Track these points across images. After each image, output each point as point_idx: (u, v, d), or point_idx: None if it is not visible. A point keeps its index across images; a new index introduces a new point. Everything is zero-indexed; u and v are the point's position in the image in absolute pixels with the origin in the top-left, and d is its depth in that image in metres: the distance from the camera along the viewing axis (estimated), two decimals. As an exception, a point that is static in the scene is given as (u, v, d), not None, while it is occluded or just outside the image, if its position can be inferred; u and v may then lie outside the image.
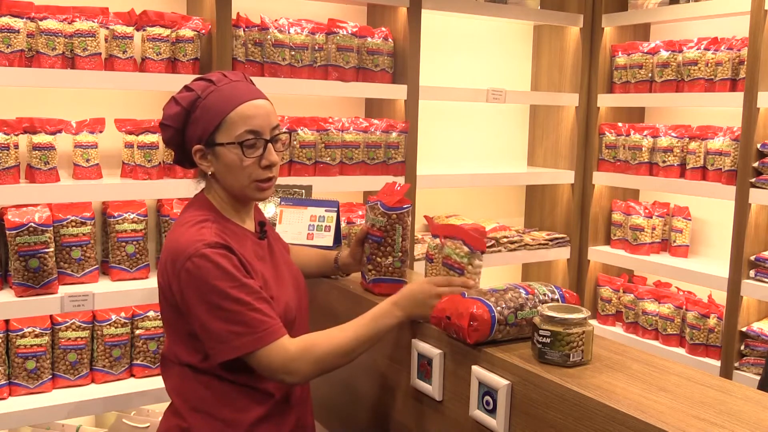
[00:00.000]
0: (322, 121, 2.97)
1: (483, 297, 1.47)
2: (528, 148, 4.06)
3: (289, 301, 1.65)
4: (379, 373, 1.83)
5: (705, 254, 3.58)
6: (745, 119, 2.99)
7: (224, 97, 1.59)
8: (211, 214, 1.62)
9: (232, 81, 1.63)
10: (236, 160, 1.58)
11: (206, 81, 1.63)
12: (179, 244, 1.53)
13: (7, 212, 2.45)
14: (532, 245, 3.63)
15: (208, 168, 1.62)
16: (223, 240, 1.53)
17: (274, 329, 1.51)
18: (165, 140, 1.68)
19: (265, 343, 1.49)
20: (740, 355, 3.09)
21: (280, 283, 1.66)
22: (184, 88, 1.64)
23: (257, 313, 1.50)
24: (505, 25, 3.84)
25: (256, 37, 2.83)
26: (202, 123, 1.59)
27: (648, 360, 1.43)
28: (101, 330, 2.63)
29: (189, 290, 1.50)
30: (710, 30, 3.41)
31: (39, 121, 2.51)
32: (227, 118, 1.58)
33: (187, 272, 1.50)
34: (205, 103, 1.59)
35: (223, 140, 1.58)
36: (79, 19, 2.51)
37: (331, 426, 2.09)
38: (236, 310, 1.48)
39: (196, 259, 1.49)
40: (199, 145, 1.61)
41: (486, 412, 1.45)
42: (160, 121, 1.67)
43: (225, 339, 1.49)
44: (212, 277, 1.48)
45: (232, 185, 1.62)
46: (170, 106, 1.64)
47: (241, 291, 1.49)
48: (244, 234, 1.65)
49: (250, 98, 1.60)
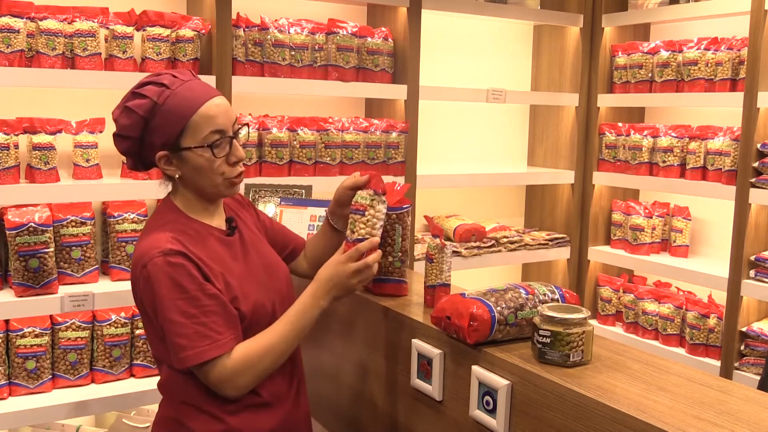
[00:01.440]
0: (322, 121, 2.97)
1: (483, 297, 1.47)
2: (528, 148, 4.06)
3: (259, 298, 1.63)
4: (379, 373, 1.83)
5: (705, 254, 3.58)
6: (745, 119, 2.99)
7: (183, 100, 1.54)
8: (174, 215, 1.61)
9: (185, 81, 1.58)
10: (205, 162, 1.57)
11: (158, 85, 1.56)
12: (138, 250, 1.55)
13: (7, 212, 2.46)
14: (532, 245, 3.63)
15: (175, 172, 1.60)
16: (179, 245, 1.52)
17: (219, 344, 1.51)
18: (122, 151, 1.61)
19: (204, 358, 1.50)
20: (740, 355, 3.09)
21: (250, 280, 1.64)
22: (134, 95, 1.57)
23: (202, 327, 1.50)
24: (505, 25, 3.84)
25: (256, 37, 2.83)
26: (164, 129, 1.55)
27: (648, 360, 1.43)
28: (101, 330, 2.63)
29: (145, 297, 1.54)
30: (710, 30, 3.41)
31: (39, 121, 2.51)
32: (191, 121, 1.54)
33: (144, 279, 1.52)
34: (164, 109, 1.54)
35: (190, 144, 1.55)
36: (79, 19, 2.51)
37: (331, 426, 2.09)
38: (180, 322, 1.49)
39: (150, 267, 1.50)
40: (163, 152, 1.57)
41: (486, 412, 1.45)
42: (114, 133, 1.59)
43: (173, 349, 1.52)
44: (161, 286, 1.49)
45: (202, 186, 1.61)
46: (123, 116, 1.57)
47: (188, 303, 1.49)
48: (208, 233, 1.63)
49: (208, 97, 1.57)
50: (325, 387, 2.09)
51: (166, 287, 1.49)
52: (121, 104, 1.59)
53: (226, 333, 1.53)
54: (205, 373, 1.52)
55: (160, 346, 1.60)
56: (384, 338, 1.79)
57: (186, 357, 1.50)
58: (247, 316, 1.59)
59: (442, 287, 1.74)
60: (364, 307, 1.86)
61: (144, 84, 1.58)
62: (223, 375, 1.52)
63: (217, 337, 1.51)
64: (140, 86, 1.58)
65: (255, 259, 1.70)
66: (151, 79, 1.59)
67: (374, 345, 1.84)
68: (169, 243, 1.51)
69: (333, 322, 2.01)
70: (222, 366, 1.52)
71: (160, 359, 1.63)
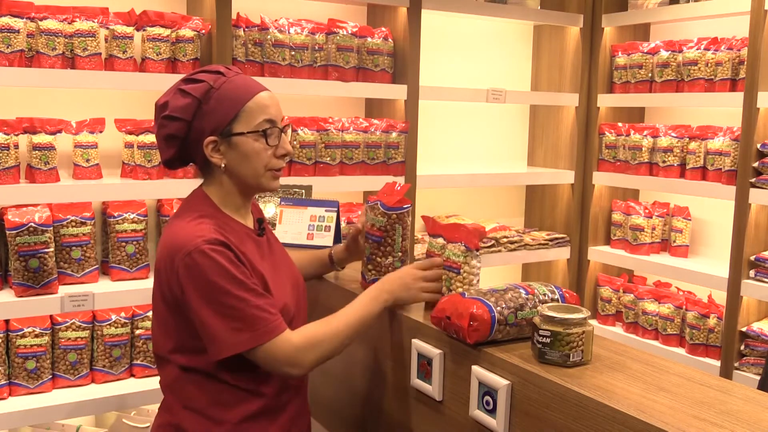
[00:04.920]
0: (322, 121, 2.97)
1: (483, 297, 1.47)
2: (528, 148, 4.06)
3: (287, 300, 1.64)
4: (379, 373, 1.83)
5: (705, 254, 3.58)
6: (745, 119, 2.99)
7: (239, 86, 1.58)
8: (210, 209, 1.61)
9: (239, 73, 1.62)
10: (255, 149, 1.57)
11: (213, 73, 1.59)
12: (177, 239, 1.52)
13: (7, 212, 2.46)
14: (532, 245, 3.63)
15: (221, 160, 1.59)
16: (221, 236, 1.52)
17: (275, 324, 1.51)
18: (166, 135, 1.59)
19: (266, 339, 1.49)
20: (740, 355, 3.09)
21: (278, 282, 1.65)
22: (189, 80, 1.58)
23: (257, 310, 1.49)
24: (505, 25, 3.84)
25: (256, 37, 2.83)
26: (217, 114, 1.56)
27: (648, 360, 1.43)
28: (101, 330, 2.63)
29: (188, 287, 1.49)
30: (710, 30, 3.41)
31: (39, 121, 2.51)
32: (245, 107, 1.56)
33: (186, 268, 1.49)
34: (219, 94, 1.56)
35: (242, 129, 1.56)
36: (79, 19, 2.51)
37: (331, 426, 2.09)
38: (236, 306, 1.48)
39: (195, 255, 1.48)
40: (213, 137, 1.57)
41: (486, 412, 1.45)
42: (165, 114, 1.57)
43: (225, 336, 1.49)
44: (211, 273, 1.47)
45: (246, 175, 1.60)
46: (177, 97, 1.57)
47: (239, 288, 1.49)
48: (243, 231, 1.63)
49: (261, 88, 1.60)
50: (326, 387, 2.09)
51: (215, 274, 1.47)
52: (171, 89, 1.60)
53: (278, 314, 1.54)
54: (269, 351, 1.50)
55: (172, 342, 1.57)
56: (384, 338, 1.79)
57: (245, 340, 1.48)
58: None
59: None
60: (364, 307, 1.86)
61: (197, 72, 1.61)
62: (290, 352, 1.51)
63: (273, 319, 1.51)
64: (194, 74, 1.60)
65: (281, 262, 1.72)
66: (204, 69, 1.62)
67: (374, 345, 1.84)
68: (213, 233, 1.51)
69: (333, 322, 2.01)
70: (288, 342, 1.51)
71: (167, 358, 1.60)
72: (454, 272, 1.68)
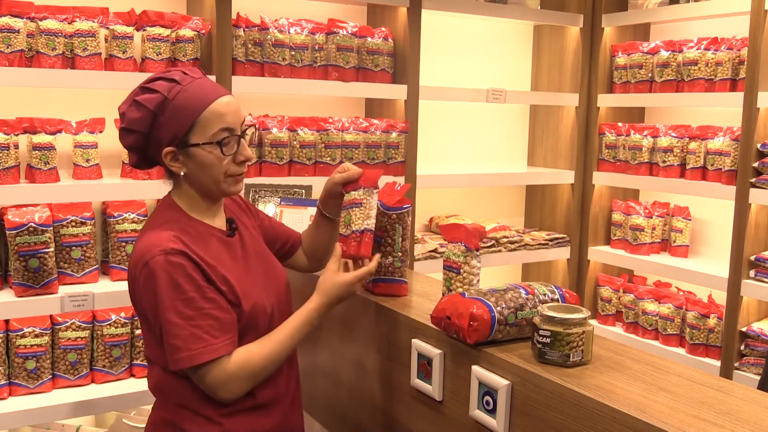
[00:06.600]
0: (322, 121, 2.97)
1: (483, 297, 1.47)
2: (528, 148, 4.06)
3: (260, 299, 1.63)
4: (379, 373, 1.83)
5: (705, 254, 3.58)
6: (745, 119, 2.99)
7: (194, 96, 1.54)
8: (175, 214, 1.61)
9: (196, 78, 1.57)
10: (213, 159, 1.56)
11: (169, 81, 1.55)
12: (138, 249, 1.54)
13: (7, 212, 2.46)
14: (532, 245, 3.63)
15: (180, 169, 1.58)
16: (181, 245, 1.51)
17: (213, 348, 1.49)
18: (126, 146, 1.60)
19: (200, 361, 1.49)
20: (740, 355, 3.09)
21: (249, 282, 1.63)
22: (144, 89, 1.56)
23: (198, 329, 1.48)
24: (505, 25, 3.84)
25: (256, 37, 2.83)
26: (172, 125, 1.54)
27: (648, 360, 1.43)
28: (101, 330, 2.63)
29: (144, 296, 1.52)
30: (710, 30, 3.41)
31: (39, 121, 2.51)
32: (200, 117, 1.53)
33: (144, 278, 1.50)
34: (174, 104, 1.53)
35: (198, 140, 1.54)
36: (79, 19, 2.51)
37: (331, 426, 2.09)
38: (177, 323, 1.48)
39: (151, 265, 1.49)
40: (170, 147, 1.56)
41: (486, 412, 1.45)
42: (122, 126, 1.58)
43: (168, 350, 1.50)
44: (161, 287, 1.48)
45: (206, 183, 1.60)
46: (132, 110, 1.56)
47: (185, 304, 1.48)
48: (210, 233, 1.62)
49: (218, 95, 1.57)
50: (325, 387, 2.09)
51: (166, 287, 1.48)
52: (129, 98, 1.58)
53: (222, 337, 1.52)
54: (201, 375, 1.51)
55: (154, 346, 1.59)
56: (384, 338, 1.79)
57: (180, 359, 1.49)
58: (246, 316, 1.58)
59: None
60: (364, 307, 1.86)
61: (154, 79, 1.57)
62: (221, 378, 1.51)
63: (212, 341, 1.49)
64: (150, 81, 1.57)
65: (254, 260, 1.70)
66: (161, 75, 1.58)
67: (374, 345, 1.84)
68: (171, 242, 1.51)
69: (333, 322, 2.00)
70: (221, 369, 1.51)
71: (153, 360, 1.62)
72: (454, 272, 1.68)
